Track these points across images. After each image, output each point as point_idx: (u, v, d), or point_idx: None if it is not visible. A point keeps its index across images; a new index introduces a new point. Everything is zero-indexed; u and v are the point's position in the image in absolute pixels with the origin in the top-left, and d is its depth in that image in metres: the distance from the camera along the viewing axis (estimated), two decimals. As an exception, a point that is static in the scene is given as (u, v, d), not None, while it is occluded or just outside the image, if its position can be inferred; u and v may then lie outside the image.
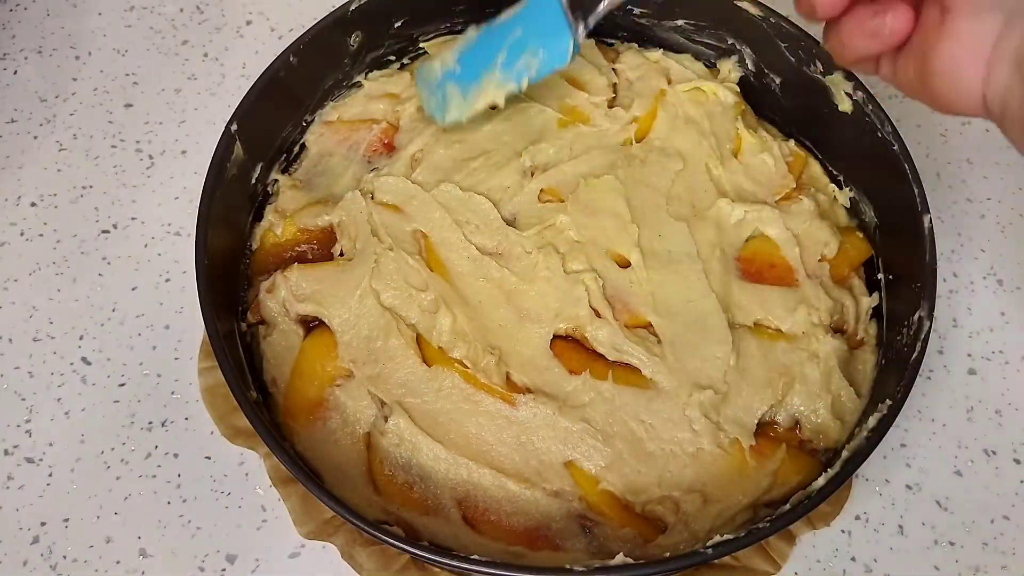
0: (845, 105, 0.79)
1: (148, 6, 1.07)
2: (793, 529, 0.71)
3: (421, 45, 0.91)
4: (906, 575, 0.75)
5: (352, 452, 0.71)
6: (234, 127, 0.76)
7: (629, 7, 0.89)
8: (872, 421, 0.66)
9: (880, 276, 0.78)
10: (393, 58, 0.92)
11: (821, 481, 0.64)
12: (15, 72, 1.01)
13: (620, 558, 0.61)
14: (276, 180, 0.84)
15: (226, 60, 1.03)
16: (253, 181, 0.82)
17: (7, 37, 1.04)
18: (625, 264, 0.77)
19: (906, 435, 0.80)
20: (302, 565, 0.75)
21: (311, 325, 0.76)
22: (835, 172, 0.85)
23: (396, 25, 0.88)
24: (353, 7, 0.83)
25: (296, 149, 0.87)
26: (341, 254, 0.79)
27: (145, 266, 0.89)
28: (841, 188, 0.84)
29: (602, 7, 0.69)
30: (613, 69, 0.89)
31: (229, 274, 0.78)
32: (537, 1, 0.73)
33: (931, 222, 0.71)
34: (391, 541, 0.60)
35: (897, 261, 0.77)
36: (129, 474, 0.78)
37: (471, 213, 0.79)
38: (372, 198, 0.80)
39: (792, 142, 0.87)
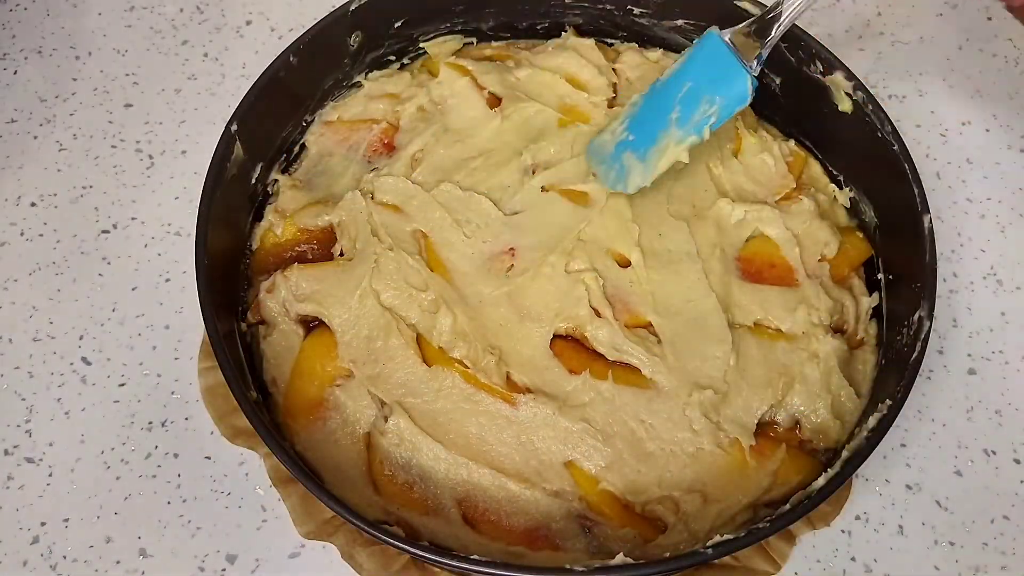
0: (845, 105, 0.79)
1: (148, 6, 1.07)
2: (793, 529, 0.71)
3: (421, 45, 0.91)
4: (906, 575, 0.75)
5: (352, 452, 0.71)
6: (234, 127, 0.76)
7: (629, 7, 0.89)
8: (872, 421, 0.66)
9: (880, 276, 0.78)
10: (393, 58, 0.92)
11: (821, 481, 0.64)
12: (15, 72, 1.02)
13: (620, 558, 0.61)
14: (276, 180, 0.84)
15: (226, 60, 1.03)
16: (253, 181, 0.82)
17: (7, 37, 1.04)
18: (625, 264, 0.77)
19: (906, 435, 0.80)
20: (302, 565, 0.75)
21: (311, 325, 0.76)
22: (835, 172, 0.85)
23: (396, 25, 0.88)
24: (353, 7, 0.83)
25: (296, 149, 0.87)
26: (341, 254, 0.79)
27: (145, 266, 0.89)
28: (841, 188, 0.84)
29: (776, 32, 0.69)
30: (613, 69, 0.89)
31: (229, 274, 0.78)
32: (700, 51, 0.72)
33: (931, 222, 0.71)
34: (391, 541, 0.60)
35: (897, 261, 0.77)
36: (129, 474, 0.78)
37: (471, 213, 0.79)
38: (372, 198, 0.80)
39: (792, 142, 0.87)
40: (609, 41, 0.93)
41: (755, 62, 0.70)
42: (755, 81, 0.70)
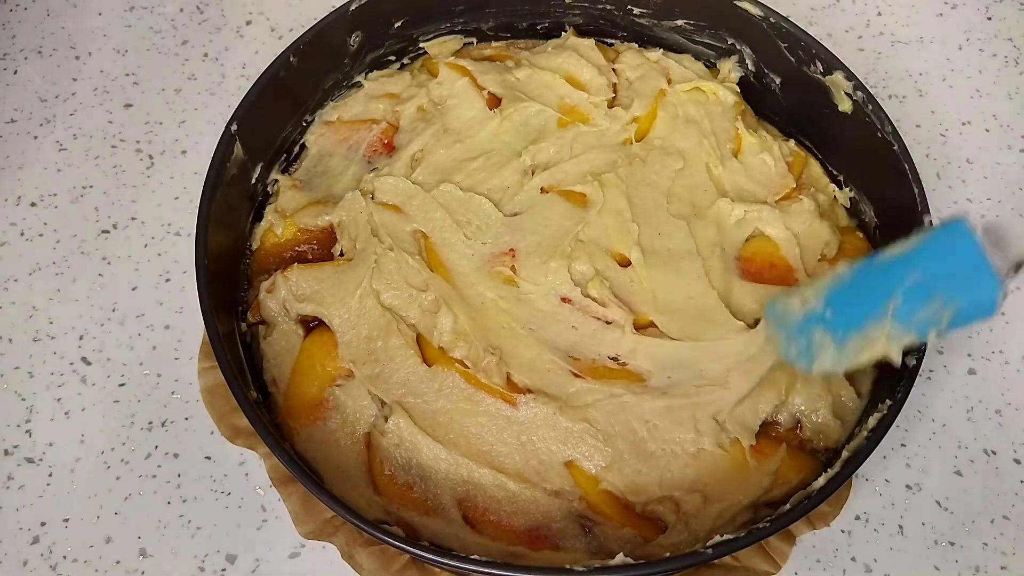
0: (845, 105, 0.79)
1: (148, 6, 1.07)
2: (793, 529, 0.71)
3: (421, 45, 0.91)
4: (906, 575, 0.75)
5: (352, 452, 0.70)
6: (234, 127, 0.76)
7: (629, 7, 0.89)
8: (872, 421, 0.66)
9: (880, 276, 0.78)
10: (393, 58, 0.92)
11: (821, 481, 0.64)
12: (15, 72, 1.02)
13: (620, 558, 0.61)
14: (276, 180, 0.84)
15: (226, 60, 1.03)
16: (253, 181, 0.82)
17: (7, 37, 1.04)
18: (625, 263, 0.77)
19: (906, 435, 0.80)
20: (302, 565, 0.75)
21: (311, 325, 0.76)
22: (835, 172, 0.85)
23: (396, 25, 0.88)
24: (353, 7, 0.83)
25: (296, 149, 0.87)
26: (341, 254, 0.79)
27: (145, 266, 0.89)
28: (841, 188, 0.84)
29: None
30: (613, 69, 0.89)
31: (229, 274, 0.78)
32: (941, 239, 0.59)
33: (931, 222, 0.71)
34: (391, 541, 0.60)
35: (897, 261, 0.77)
36: (129, 474, 0.78)
37: (471, 213, 0.79)
38: (372, 198, 0.80)
39: (792, 142, 0.87)
40: (609, 41, 0.93)
41: (1010, 269, 0.56)
42: (1005, 291, 0.56)
